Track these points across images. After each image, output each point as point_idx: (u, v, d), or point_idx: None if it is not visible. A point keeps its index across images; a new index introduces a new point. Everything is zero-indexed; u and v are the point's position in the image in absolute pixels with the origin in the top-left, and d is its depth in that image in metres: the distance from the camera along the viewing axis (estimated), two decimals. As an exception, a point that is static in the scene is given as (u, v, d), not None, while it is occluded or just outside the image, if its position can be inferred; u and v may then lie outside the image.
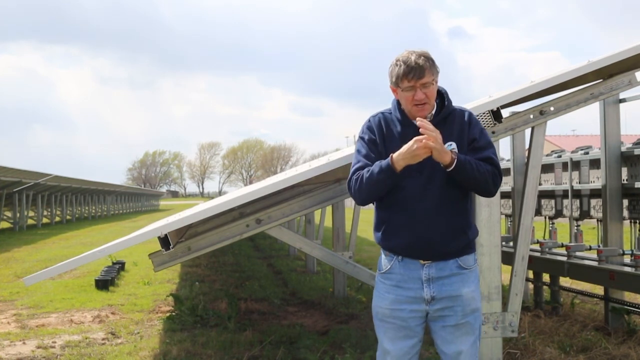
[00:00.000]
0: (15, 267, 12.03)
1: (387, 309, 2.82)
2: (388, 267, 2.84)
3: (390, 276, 2.83)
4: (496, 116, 4.10)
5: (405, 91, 2.74)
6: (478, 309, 2.84)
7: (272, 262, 12.18)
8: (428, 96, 2.72)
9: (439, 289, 2.76)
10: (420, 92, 2.71)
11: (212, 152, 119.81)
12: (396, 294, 2.80)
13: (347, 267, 4.62)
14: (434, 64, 2.74)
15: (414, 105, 2.74)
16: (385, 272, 2.85)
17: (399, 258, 2.80)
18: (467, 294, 2.79)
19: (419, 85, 2.70)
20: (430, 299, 2.77)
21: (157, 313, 7.17)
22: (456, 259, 2.79)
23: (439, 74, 2.79)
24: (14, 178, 23.29)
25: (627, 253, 5.67)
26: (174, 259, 4.29)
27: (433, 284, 2.76)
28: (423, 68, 2.69)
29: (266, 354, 5.13)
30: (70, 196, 34.72)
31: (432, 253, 2.76)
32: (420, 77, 2.69)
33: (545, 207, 7.07)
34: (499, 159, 2.99)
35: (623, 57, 4.12)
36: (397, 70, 2.74)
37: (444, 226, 2.73)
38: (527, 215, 4.36)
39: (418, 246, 2.75)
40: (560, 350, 4.92)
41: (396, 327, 2.81)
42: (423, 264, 2.77)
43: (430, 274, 2.76)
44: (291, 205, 4.40)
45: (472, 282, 2.83)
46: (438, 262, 2.77)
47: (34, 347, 5.70)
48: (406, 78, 2.70)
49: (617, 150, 5.89)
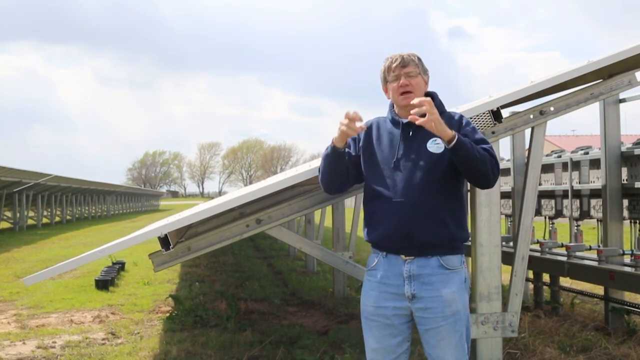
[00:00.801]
0: (15, 267, 12.03)
1: (372, 306, 2.85)
2: (374, 263, 2.88)
3: (376, 272, 2.87)
4: (496, 116, 4.10)
5: (392, 82, 2.87)
6: (459, 312, 2.79)
7: (272, 262, 12.18)
8: (412, 85, 2.83)
9: (419, 287, 2.76)
10: (404, 79, 2.83)
11: (212, 152, 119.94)
12: (379, 290, 2.83)
13: (347, 267, 4.61)
14: (420, 61, 2.89)
15: (399, 94, 2.83)
16: (371, 268, 2.90)
17: (384, 254, 2.84)
18: (447, 295, 2.76)
19: (403, 74, 2.83)
20: (411, 296, 2.77)
21: (157, 313, 7.17)
22: (438, 257, 2.77)
23: (429, 76, 2.92)
24: (14, 178, 23.29)
25: (627, 253, 5.67)
26: (174, 259, 4.28)
27: (414, 281, 2.77)
28: (407, 60, 2.85)
29: (266, 354, 5.13)
30: (70, 196, 34.72)
31: (411, 244, 2.76)
32: (404, 67, 2.84)
33: (545, 207, 7.07)
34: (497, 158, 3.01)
35: (623, 57, 4.12)
36: (384, 65, 2.91)
37: (422, 218, 2.74)
38: (527, 215, 4.36)
39: (397, 237, 2.76)
40: (560, 351, 4.92)
41: (381, 325, 2.83)
42: (405, 260, 2.79)
43: (412, 270, 2.77)
44: (291, 205, 4.39)
45: (454, 284, 2.79)
46: (419, 258, 2.77)
47: (34, 347, 5.70)
48: (391, 69, 2.86)
49: (617, 150, 5.89)
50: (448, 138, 2.65)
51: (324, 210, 11.94)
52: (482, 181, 2.80)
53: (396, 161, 2.80)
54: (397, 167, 2.79)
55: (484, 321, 4.17)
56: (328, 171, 2.91)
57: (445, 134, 2.65)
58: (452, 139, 2.65)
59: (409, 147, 2.80)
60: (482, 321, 4.17)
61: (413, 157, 2.78)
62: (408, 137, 2.81)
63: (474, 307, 4.22)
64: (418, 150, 2.78)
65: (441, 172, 2.77)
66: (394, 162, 2.80)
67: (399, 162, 2.79)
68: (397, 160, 2.80)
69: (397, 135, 2.84)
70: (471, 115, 4.08)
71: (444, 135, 2.66)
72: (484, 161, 2.71)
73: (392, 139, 2.85)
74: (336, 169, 2.89)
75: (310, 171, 3.76)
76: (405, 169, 2.78)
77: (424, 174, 2.75)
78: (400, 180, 2.77)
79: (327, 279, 9.36)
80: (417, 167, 2.76)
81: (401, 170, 2.78)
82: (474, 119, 4.09)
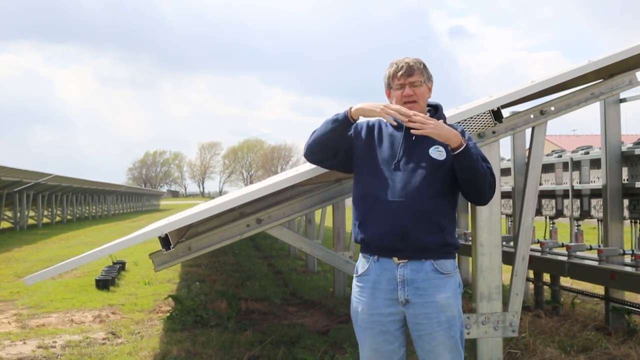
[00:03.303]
0: (16, 267, 12.04)
1: (366, 314, 2.79)
2: (364, 269, 2.82)
3: (367, 278, 2.80)
4: (496, 116, 4.10)
5: (396, 90, 2.84)
6: (454, 317, 2.75)
7: (272, 262, 12.18)
8: (417, 94, 2.80)
9: (413, 292, 2.72)
10: (408, 89, 2.80)
11: (212, 152, 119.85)
12: (373, 296, 2.77)
13: (347, 267, 4.62)
14: (425, 69, 2.85)
15: (403, 103, 2.80)
16: (361, 274, 2.84)
17: (375, 258, 2.79)
18: (442, 300, 2.72)
19: (408, 83, 2.80)
20: (405, 301, 2.73)
21: (158, 313, 7.17)
22: (432, 261, 2.74)
23: (433, 83, 2.89)
24: (14, 178, 23.30)
25: (628, 253, 5.66)
26: (174, 258, 4.28)
27: (408, 286, 2.72)
28: (413, 68, 2.81)
29: (266, 354, 5.13)
30: (71, 196, 34.72)
31: (405, 245, 2.72)
32: (410, 75, 2.80)
33: (546, 207, 7.07)
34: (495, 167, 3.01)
35: (623, 57, 4.12)
36: (388, 71, 2.88)
37: (418, 220, 2.71)
38: (527, 215, 4.36)
39: (393, 236, 2.71)
40: (561, 350, 4.92)
41: (375, 332, 2.78)
42: (398, 263, 2.74)
43: (405, 274, 2.73)
44: (292, 205, 4.39)
45: (449, 289, 2.75)
46: (413, 262, 2.73)
47: (35, 346, 5.70)
48: (396, 76, 2.82)
49: (618, 150, 5.89)
50: (456, 144, 2.66)
51: (324, 210, 11.94)
52: (477, 195, 2.81)
53: (397, 162, 2.77)
54: (397, 168, 2.77)
55: (484, 321, 4.17)
56: (324, 137, 2.83)
57: (452, 140, 2.66)
58: (460, 145, 2.65)
59: (411, 150, 2.78)
60: (482, 321, 4.17)
61: (414, 159, 2.76)
62: (410, 140, 2.78)
63: (474, 306, 4.22)
64: (420, 154, 2.77)
65: (441, 178, 2.76)
66: (394, 163, 2.77)
67: (399, 164, 2.77)
68: (397, 162, 2.77)
69: (399, 138, 2.81)
70: (472, 115, 4.08)
71: (451, 141, 2.66)
72: (484, 175, 2.73)
73: (393, 141, 2.83)
74: (334, 138, 2.83)
75: (311, 171, 3.76)
76: (405, 171, 2.76)
77: (424, 177, 2.74)
78: (400, 181, 2.75)
79: (327, 279, 9.36)
80: (418, 169, 2.75)
81: (401, 171, 2.76)
82: (475, 119, 4.09)
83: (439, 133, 2.64)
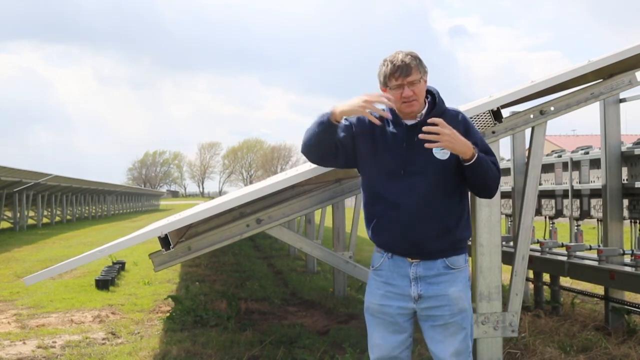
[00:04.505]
0: (16, 267, 12.03)
1: (377, 304, 2.88)
2: (379, 264, 2.90)
3: (381, 273, 2.89)
4: (496, 116, 4.10)
5: (394, 89, 2.79)
6: (466, 309, 2.85)
7: (272, 262, 12.18)
8: (416, 93, 2.78)
9: (426, 287, 2.80)
10: (407, 90, 2.76)
11: (212, 152, 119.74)
12: (385, 290, 2.86)
13: (347, 267, 4.61)
14: (421, 63, 2.80)
15: (402, 102, 2.78)
16: (376, 268, 2.92)
17: (389, 255, 2.86)
18: (454, 293, 2.81)
19: (406, 83, 2.75)
20: (417, 297, 2.81)
21: (158, 313, 7.17)
22: (444, 259, 2.82)
23: (428, 73, 2.84)
24: (14, 178, 23.29)
25: (628, 253, 5.67)
26: (174, 258, 4.28)
27: (420, 282, 2.81)
28: (410, 66, 2.75)
29: (266, 354, 5.13)
30: (71, 196, 34.72)
31: (418, 252, 2.80)
32: (407, 75, 2.75)
33: (546, 207, 7.07)
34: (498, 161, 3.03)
35: (623, 57, 4.12)
36: (384, 69, 2.80)
37: (428, 226, 2.76)
38: (527, 215, 4.36)
39: (403, 245, 2.80)
40: (561, 350, 4.92)
41: (385, 322, 2.87)
42: (411, 262, 2.82)
43: (418, 272, 2.81)
44: (291, 205, 4.39)
45: (460, 282, 2.84)
46: (425, 261, 2.81)
47: (34, 347, 5.70)
48: (393, 77, 2.77)
49: (618, 150, 5.89)
50: (468, 156, 2.67)
51: (324, 210, 11.93)
52: (485, 194, 2.87)
53: (402, 167, 2.77)
54: (403, 173, 2.77)
55: (484, 321, 4.17)
56: (315, 139, 2.82)
57: (466, 153, 2.67)
58: (472, 157, 2.67)
59: (415, 153, 2.77)
60: (482, 321, 4.17)
61: (419, 163, 2.76)
62: (413, 141, 2.76)
63: (474, 306, 4.22)
64: (424, 157, 2.76)
65: (448, 178, 2.78)
66: (400, 168, 2.77)
67: (404, 168, 2.77)
68: (403, 166, 2.77)
69: (401, 139, 2.79)
70: (471, 115, 4.08)
71: (465, 154, 2.67)
72: (495, 178, 2.79)
73: (395, 143, 2.80)
74: (324, 139, 2.81)
75: (310, 171, 3.76)
76: (411, 176, 2.76)
77: (431, 181, 2.75)
78: (406, 187, 2.76)
79: (327, 279, 9.35)
80: (424, 174, 2.76)
81: (407, 176, 2.76)
82: (474, 118, 4.09)
83: (453, 147, 2.65)
